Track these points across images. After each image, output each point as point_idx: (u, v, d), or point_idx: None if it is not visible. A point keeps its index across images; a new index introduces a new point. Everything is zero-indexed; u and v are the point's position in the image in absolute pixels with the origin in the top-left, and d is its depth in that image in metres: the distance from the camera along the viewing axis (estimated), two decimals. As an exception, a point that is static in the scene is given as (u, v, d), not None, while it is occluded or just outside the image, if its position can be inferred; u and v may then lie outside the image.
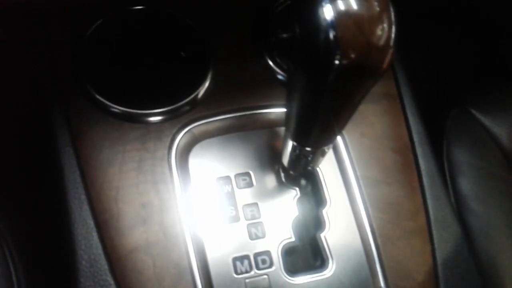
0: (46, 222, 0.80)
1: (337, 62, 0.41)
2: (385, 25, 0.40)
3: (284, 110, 0.79)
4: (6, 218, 0.79)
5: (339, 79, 0.43)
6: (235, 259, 0.72)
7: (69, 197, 0.71)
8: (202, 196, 0.75)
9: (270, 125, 0.81)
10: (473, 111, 0.98)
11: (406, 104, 0.87)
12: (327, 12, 0.39)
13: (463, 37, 1.42)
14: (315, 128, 0.56)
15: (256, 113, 0.80)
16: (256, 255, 0.73)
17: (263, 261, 0.73)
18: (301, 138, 0.60)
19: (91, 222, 0.70)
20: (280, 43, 0.83)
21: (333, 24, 0.39)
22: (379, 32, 0.40)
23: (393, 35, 0.41)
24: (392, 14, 0.41)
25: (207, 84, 0.80)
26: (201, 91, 0.79)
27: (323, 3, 0.39)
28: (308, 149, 0.62)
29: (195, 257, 0.70)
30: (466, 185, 0.95)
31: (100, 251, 0.69)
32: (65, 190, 0.72)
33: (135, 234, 0.71)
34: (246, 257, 0.73)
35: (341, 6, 0.39)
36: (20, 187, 0.90)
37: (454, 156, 0.98)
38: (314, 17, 0.40)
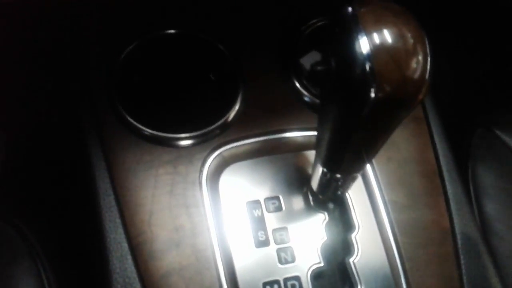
0: (81, 244, 0.82)
1: (372, 95, 0.41)
2: (421, 58, 0.41)
3: (312, 133, 0.81)
4: (42, 238, 0.80)
5: (373, 111, 0.43)
6: (265, 284, 0.73)
7: (104, 220, 0.72)
8: (232, 219, 0.76)
9: (298, 149, 0.81)
10: (498, 132, 0.98)
11: (433, 127, 0.87)
12: (364, 46, 0.40)
13: (487, 57, 1.42)
14: (347, 156, 0.56)
15: (285, 137, 0.81)
16: (286, 280, 0.73)
17: (293, 286, 0.73)
18: (331, 165, 0.61)
19: (125, 245, 0.71)
20: (311, 70, 0.84)
21: (369, 58, 0.40)
22: (414, 65, 0.41)
23: (428, 68, 0.42)
24: (428, 47, 0.42)
25: (237, 107, 0.81)
26: (231, 115, 0.80)
27: (359, 36, 0.40)
28: (338, 175, 0.63)
29: (226, 281, 0.71)
30: (491, 207, 0.94)
31: (134, 274, 0.70)
32: (100, 214, 0.73)
33: (168, 257, 0.71)
34: (276, 282, 0.73)
35: (377, 40, 0.40)
36: (55, 208, 0.92)
37: (480, 177, 0.98)
38: (350, 50, 0.41)
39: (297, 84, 0.84)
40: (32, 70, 0.86)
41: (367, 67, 0.40)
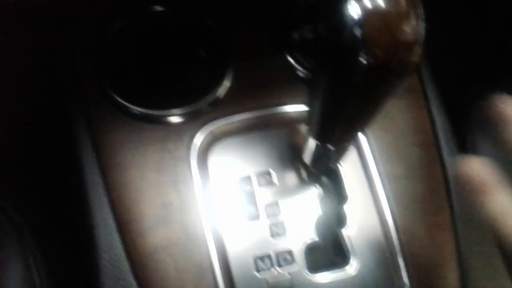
0: (67, 222, 0.81)
1: (363, 60, 0.39)
2: (413, 22, 0.39)
3: (304, 107, 0.79)
4: (26, 217, 0.79)
5: (365, 78, 0.42)
6: (256, 258, 0.72)
7: (90, 199, 0.71)
8: (222, 195, 0.75)
9: (290, 123, 0.79)
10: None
11: (430, 99, 0.85)
12: (353, 10, 0.38)
13: (488, 26, 1.39)
14: (339, 127, 0.54)
15: (276, 111, 0.79)
16: (278, 253, 0.72)
17: (285, 260, 0.72)
18: (323, 137, 0.59)
19: (112, 223, 0.70)
20: (303, 42, 0.81)
21: (360, 22, 0.38)
22: (407, 29, 0.39)
23: (421, 33, 0.40)
24: (421, 10, 0.40)
25: (227, 83, 0.79)
26: (221, 91, 0.78)
27: (349, 0, 0.38)
28: (330, 147, 0.61)
29: (217, 256, 0.70)
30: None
31: (121, 252, 0.69)
32: (86, 192, 0.72)
33: (156, 234, 0.70)
34: (268, 256, 0.72)
35: (368, 3, 0.38)
36: (42, 189, 0.91)
37: (478, 149, 0.96)
38: (340, 15, 0.39)
39: (289, 58, 0.82)
40: (15, 48, 0.83)
41: (357, 32, 0.38)
